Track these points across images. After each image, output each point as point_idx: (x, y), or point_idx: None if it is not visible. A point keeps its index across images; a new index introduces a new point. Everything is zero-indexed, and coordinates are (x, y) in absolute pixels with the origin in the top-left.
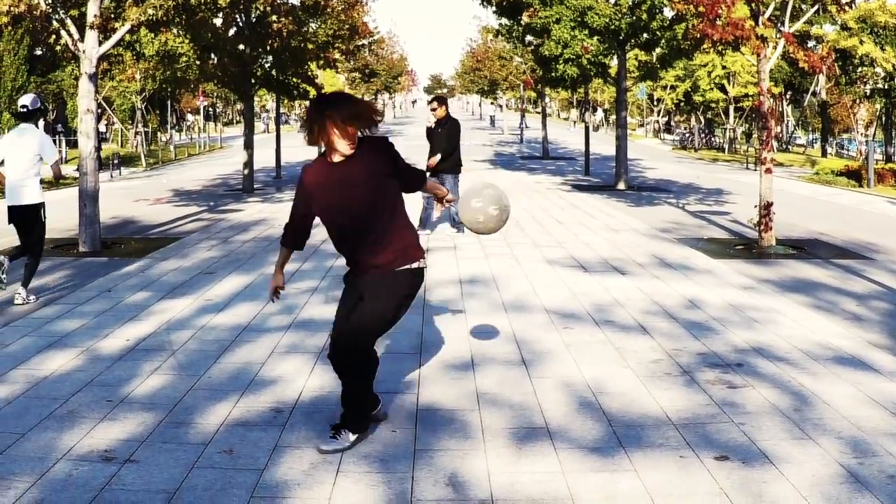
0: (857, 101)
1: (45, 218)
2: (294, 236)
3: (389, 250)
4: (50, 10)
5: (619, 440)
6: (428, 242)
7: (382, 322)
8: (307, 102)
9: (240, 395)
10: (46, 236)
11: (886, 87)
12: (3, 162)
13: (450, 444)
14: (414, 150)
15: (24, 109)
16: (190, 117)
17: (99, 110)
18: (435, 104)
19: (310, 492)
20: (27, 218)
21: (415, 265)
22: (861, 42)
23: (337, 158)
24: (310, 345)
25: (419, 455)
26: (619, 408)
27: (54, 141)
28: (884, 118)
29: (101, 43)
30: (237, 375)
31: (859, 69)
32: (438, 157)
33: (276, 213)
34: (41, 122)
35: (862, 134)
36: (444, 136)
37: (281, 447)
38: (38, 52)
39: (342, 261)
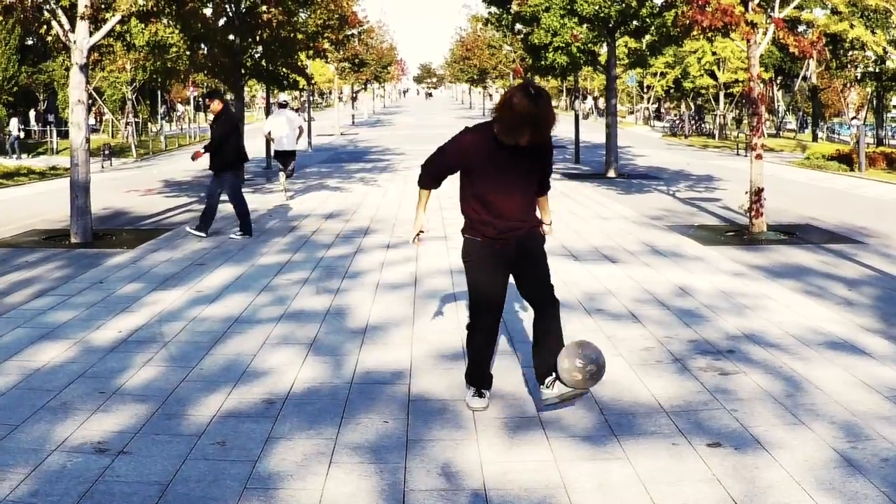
0: (848, 85)
1: (296, 157)
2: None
3: None
4: (41, 1)
5: (612, 428)
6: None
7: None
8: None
9: (232, 386)
10: (38, 227)
11: (877, 70)
12: (269, 132)
13: (442, 434)
14: (402, 139)
15: (285, 102)
16: (180, 108)
17: (89, 101)
18: (207, 100)
19: (303, 483)
20: (288, 157)
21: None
22: (851, 26)
23: None
24: (301, 336)
25: (412, 445)
26: (611, 396)
27: (44, 131)
28: (875, 102)
29: (91, 33)
30: (229, 367)
31: (850, 53)
32: (202, 150)
33: (266, 203)
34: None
35: (852, 118)
36: (217, 130)
37: (273, 439)
38: (29, 43)
39: (333, 252)
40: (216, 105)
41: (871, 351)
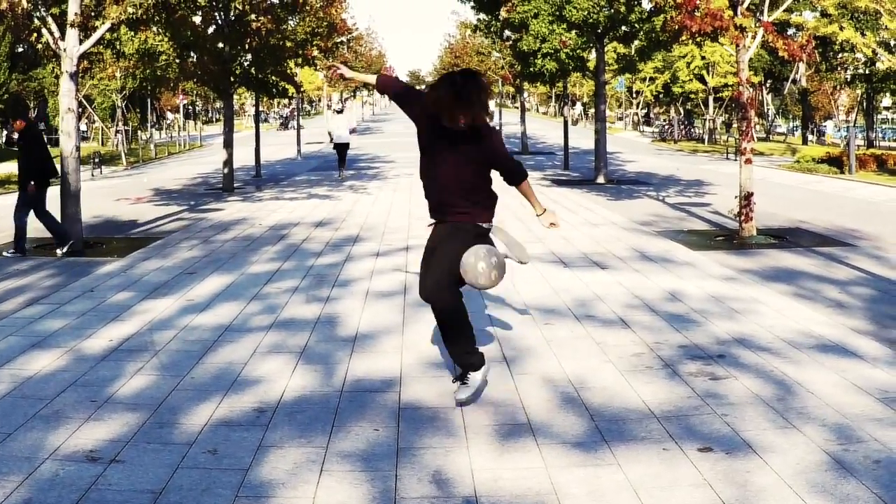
0: (838, 87)
1: (350, 148)
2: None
3: None
4: (31, 8)
5: (602, 434)
6: (408, 240)
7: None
8: (286, 101)
9: (223, 395)
10: (29, 236)
11: (867, 72)
12: (329, 131)
13: (433, 441)
14: (391, 147)
15: (341, 108)
16: (170, 116)
17: (79, 109)
18: (11, 119)
19: (294, 491)
20: (343, 148)
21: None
22: (841, 28)
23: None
24: (292, 344)
25: (402, 453)
26: (602, 402)
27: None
28: (865, 104)
29: (81, 41)
30: (220, 375)
31: (839, 55)
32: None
33: (255, 212)
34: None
35: (843, 120)
36: (23, 148)
37: (265, 447)
38: (20, 50)
39: (323, 260)
40: (19, 124)
41: (863, 353)
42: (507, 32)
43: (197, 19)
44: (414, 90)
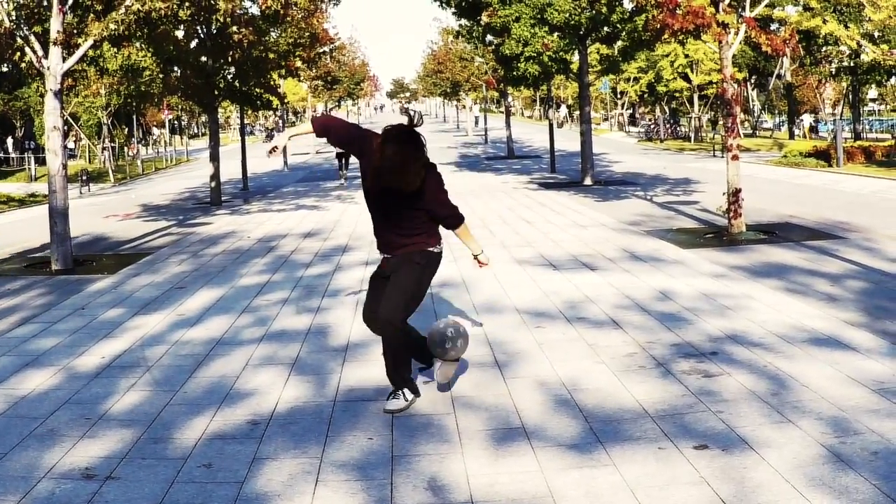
0: (823, 80)
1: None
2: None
3: None
4: (14, 27)
5: (597, 435)
6: None
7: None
8: (271, 112)
9: (216, 408)
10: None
11: (852, 64)
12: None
13: (427, 448)
14: None
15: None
16: (156, 131)
17: (66, 127)
18: None
19: (290, 502)
20: (345, 156)
21: None
22: (824, 21)
23: None
24: (283, 356)
25: (397, 461)
26: (595, 403)
27: (22, 158)
28: (851, 96)
29: (64, 59)
30: (213, 389)
31: (823, 48)
32: None
33: (244, 224)
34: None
35: (829, 113)
36: None
37: (259, 459)
38: (4, 69)
39: (312, 271)
40: None
41: (857, 345)
42: (489, 37)
43: (179, 34)
44: (356, 134)
